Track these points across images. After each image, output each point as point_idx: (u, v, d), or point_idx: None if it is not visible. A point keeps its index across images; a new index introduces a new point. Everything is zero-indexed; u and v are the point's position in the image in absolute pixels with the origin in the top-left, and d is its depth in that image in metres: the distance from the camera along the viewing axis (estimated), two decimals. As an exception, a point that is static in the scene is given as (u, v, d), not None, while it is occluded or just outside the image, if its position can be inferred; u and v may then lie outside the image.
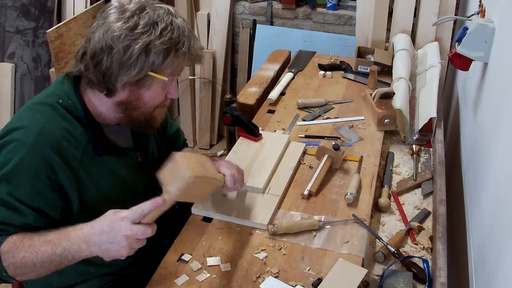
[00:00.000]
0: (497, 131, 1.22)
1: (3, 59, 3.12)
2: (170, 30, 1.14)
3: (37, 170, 1.11)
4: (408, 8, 2.37)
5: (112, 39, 1.11)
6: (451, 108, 2.27)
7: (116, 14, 1.14)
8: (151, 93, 1.19)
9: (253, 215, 1.36)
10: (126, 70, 1.12)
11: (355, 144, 1.70)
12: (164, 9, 1.17)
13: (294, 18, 3.02)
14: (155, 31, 1.12)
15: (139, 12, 1.14)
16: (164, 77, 1.16)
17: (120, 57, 1.11)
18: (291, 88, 2.09)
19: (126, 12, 1.14)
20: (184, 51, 1.16)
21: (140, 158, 1.33)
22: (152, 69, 1.14)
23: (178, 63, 1.17)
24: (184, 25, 1.17)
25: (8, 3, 3.06)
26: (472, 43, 1.43)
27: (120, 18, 1.13)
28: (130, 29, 1.11)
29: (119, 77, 1.13)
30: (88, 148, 1.19)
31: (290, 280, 1.19)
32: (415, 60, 2.20)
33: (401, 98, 1.79)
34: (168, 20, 1.14)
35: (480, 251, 1.22)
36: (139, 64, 1.11)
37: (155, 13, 1.14)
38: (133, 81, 1.14)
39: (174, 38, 1.14)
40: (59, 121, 1.16)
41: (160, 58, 1.13)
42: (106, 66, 1.12)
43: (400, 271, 1.24)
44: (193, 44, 1.18)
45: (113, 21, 1.12)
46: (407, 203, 1.50)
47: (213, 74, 3.14)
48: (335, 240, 1.30)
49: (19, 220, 1.12)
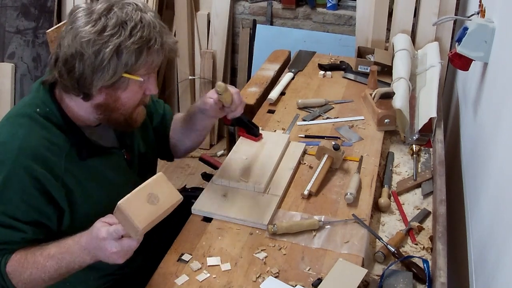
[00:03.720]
0: (497, 131, 1.22)
1: (3, 59, 3.12)
2: (140, 28, 1.11)
3: (24, 184, 1.10)
4: (408, 8, 2.37)
5: (81, 45, 1.08)
6: (451, 108, 2.27)
7: (84, 17, 1.11)
8: (128, 94, 1.17)
9: (253, 215, 1.36)
10: (100, 74, 1.10)
11: (355, 144, 1.70)
12: (133, 5, 1.13)
13: (294, 18, 3.02)
14: (124, 32, 1.09)
15: (106, 13, 1.10)
16: (139, 78, 1.14)
17: (91, 62, 1.09)
18: (291, 88, 2.09)
19: (93, 14, 1.10)
20: (157, 48, 1.13)
21: (126, 155, 1.32)
22: (126, 70, 1.11)
23: (152, 61, 1.15)
24: (155, 20, 1.14)
25: (8, 3, 3.06)
26: (472, 43, 1.43)
27: (88, 21, 1.10)
28: (98, 33, 1.08)
29: (94, 82, 1.11)
30: (71, 154, 1.18)
31: (290, 280, 1.19)
32: (415, 60, 2.20)
33: (401, 98, 1.79)
34: (137, 17, 1.11)
35: (480, 251, 1.22)
36: (112, 67, 1.09)
37: (123, 11, 1.11)
38: (108, 84, 1.12)
39: (145, 36, 1.11)
40: (38, 131, 1.14)
41: (132, 58, 1.10)
42: (79, 72, 1.10)
43: (400, 271, 1.24)
44: (165, 39, 1.16)
45: (81, 25, 1.09)
46: (407, 203, 1.50)
47: (213, 74, 3.14)
48: (335, 240, 1.30)
49: (18, 237, 1.13)
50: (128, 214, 1.03)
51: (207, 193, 1.45)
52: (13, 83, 3.14)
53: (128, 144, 1.34)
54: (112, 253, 1.05)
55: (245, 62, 3.17)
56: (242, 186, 1.45)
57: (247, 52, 3.14)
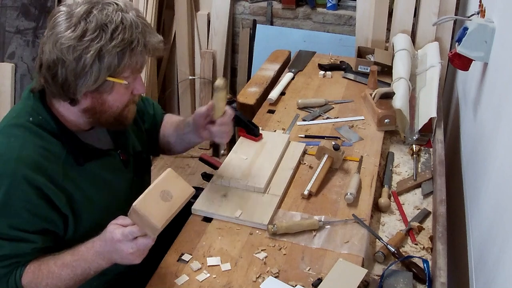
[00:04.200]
0: (497, 131, 1.22)
1: (3, 59, 3.12)
2: (121, 30, 1.08)
3: (26, 195, 1.10)
4: (408, 8, 2.37)
5: (61, 51, 1.06)
6: (451, 108, 2.27)
7: (64, 21, 1.08)
8: (115, 96, 1.15)
9: (253, 215, 1.36)
10: (83, 80, 1.08)
11: (355, 144, 1.70)
12: (113, 5, 1.10)
13: (294, 18, 3.02)
14: (105, 35, 1.06)
15: (86, 16, 1.07)
16: (123, 81, 1.13)
17: (73, 68, 1.07)
18: (291, 88, 2.09)
19: (73, 17, 1.07)
20: (140, 49, 1.11)
21: (122, 156, 1.32)
22: (109, 74, 1.09)
23: (136, 62, 1.12)
24: (137, 20, 1.11)
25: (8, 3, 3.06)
26: (472, 43, 1.43)
27: (68, 26, 1.07)
28: (78, 38, 1.06)
29: (78, 88, 1.09)
30: (68, 160, 1.17)
31: (290, 280, 1.19)
32: (415, 60, 2.20)
33: (401, 98, 1.79)
34: (117, 19, 1.08)
35: (480, 251, 1.22)
36: (94, 72, 1.07)
37: (103, 13, 1.08)
38: (93, 89, 1.10)
39: (127, 38, 1.08)
40: (34, 140, 1.13)
41: (115, 62, 1.08)
42: (62, 78, 1.08)
43: (400, 271, 1.24)
44: (149, 39, 1.13)
45: (61, 31, 1.07)
46: (407, 203, 1.50)
47: (213, 74, 3.14)
48: (335, 240, 1.30)
49: (28, 248, 1.13)
50: (145, 214, 1.04)
51: (207, 193, 1.45)
52: (13, 83, 3.14)
53: (123, 145, 1.33)
54: (129, 254, 1.07)
55: (245, 62, 3.17)
56: (242, 186, 1.45)
57: (247, 52, 3.14)
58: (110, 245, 1.08)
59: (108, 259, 1.11)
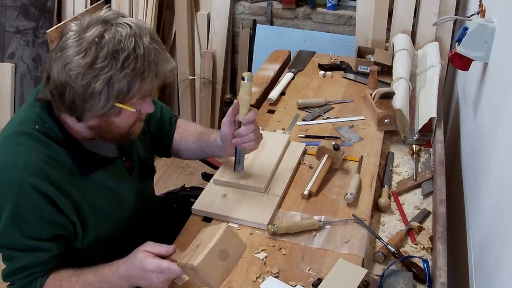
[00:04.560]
0: (497, 131, 1.22)
1: (3, 59, 3.12)
2: (133, 59, 1.04)
3: (36, 203, 1.09)
4: (408, 8, 2.37)
5: (70, 77, 1.04)
6: (451, 108, 2.27)
7: (74, 44, 1.04)
8: (122, 118, 1.14)
9: (253, 215, 1.36)
10: (90, 105, 1.06)
11: (355, 144, 1.70)
12: (127, 28, 1.06)
13: (294, 18, 3.02)
14: (116, 63, 1.03)
15: (98, 41, 1.03)
16: (131, 109, 1.11)
17: (81, 94, 1.05)
18: (291, 88, 2.09)
19: (83, 41, 1.03)
20: (151, 78, 1.08)
21: (126, 163, 1.30)
22: (118, 100, 1.07)
23: (146, 89, 1.10)
24: (150, 47, 1.07)
25: (8, 3, 3.06)
26: (472, 43, 1.43)
27: (78, 50, 1.03)
28: (88, 66, 1.02)
29: (85, 111, 1.08)
30: (74, 169, 1.16)
31: (290, 280, 1.19)
32: (415, 60, 2.20)
33: (401, 98, 1.79)
34: (130, 45, 1.04)
35: (480, 251, 1.22)
36: (102, 99, 1.05)
37: (115, 38, 1.04)
38: (100, 114, 1.09)
39: (138, 68, 1.05)
40: (39, 149, 1.11)
41: (125, 90, 1.06)
42: (69, 100, 1.07)
43: (400, 271, 1.24)
44: (161, 67, 1.10)
45: (71, 55, 1.03)
46: (407, 203, 1.51)
47: (213, 74, 3.14)
48: (335, 240, 1.30)
49: (45, 256, 1.14)
50: (205, 275, 1.08)
51: (207, 193, 1.45)
52: (13, 83, 3.14)
53: (128, 152, 1.31)
54: (158, 283, 1.10)
55: (245, 62, 3.17)
56: (242, 186, 1.45)
57: (247, 52, 3.14)
58: (139, 273, 1.10)
59: (133, 283, 1.13)
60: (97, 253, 1.21)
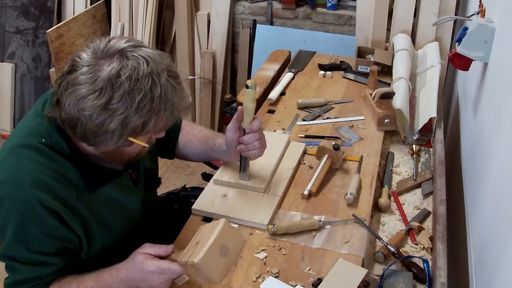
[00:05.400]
0: (497, 131, 1.22)
1: (3, 59, 3.12)
2: (150, 100, 1.01)
3: (41, 218, 1.08)
4: (408, 8, 2.37)
5: (84, 116, 1.01)
6: (451, 108, 2.27)
7: (88, 81, 1.00)
8: (133, 148, 1.14)
9: (253, 215, 1.36)
10: (102, 139, 1.05)
11: (355, 144, 1.70)
12: (144, 66, 1.02)
13: (294, 18, 3.02)
14: (132, 104, 1.00)
15: (114, 81, 0.99)
16: (144, 143, 1.10)
17: (94, 132, 1.03)
18: (291, 88, 2.09)
19: (98, 79, 0.99)
20: (166, 117, 1.06)
21: (132, 175, 1.29)
22: (131, 136, 1.06)
23: (161, 126, 1.08)
24: (167, 84, 1.04)
25: (8, 3, 3.06)
26: (472, 43, 1.43)
27: (92, 90, 0.99)
28: (103, 107, 0.99)
29: (96, 145, 1.07)
30: (80, 184, 1.14)
31: (290, 280, 1.19)
32: (415, 60, 2.20)
33: (401, 98, 1.79)
34: (147, 85, 1.01)
35: (480, 251, 1.22)
36: (116, 136, 1.04)
37: (132, 77, 1.00)
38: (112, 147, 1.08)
39: (154, 108, 1.02)
40: (46, 163, 1.09)
41: (139, 128, 1.04)
42: (81, 133, 1.05)
43: (400, 271, 1.24)
44: (177, 105, 1.07)
45: (84, 93, 0.99)
46: (407, 203, 1.51)
47: (213, 74, 3.14)
48: (335, 240, 1.30)
49: (49, 270, 1.14)
50: (207, 271, 1.09)
51: (207, 193, 1.45)
52: (13, 83, 3.15)
53: (134, 164, 1.29)
54: (159, 283, 1.10)
55: (245, 62, 3.17)
56: (242, 186, 1.45)
57: (247, 52, 3.14)
58: (140, 275, 1.10)
59: (133, 284, 1.13)
60: (100, 262, 1.20)
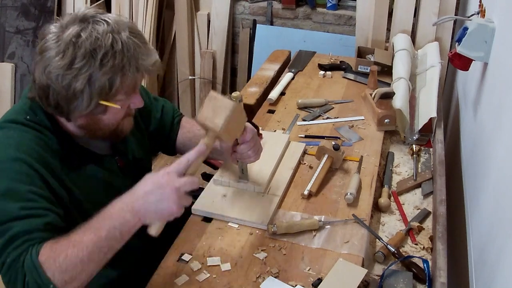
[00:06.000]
0: (497, 131, 1.22)
1: (3, 59, 3.12)
2: (112, 56, 1.05)
3: (30, 178, 1.08)
4: (408, 8, 2.37)
5: (51, 79, 1.05)
6: (451, 108, 2.27)
7: (53, 46, 1.05)
8: (110, 115, 1.14)
9: (253, 215, 1.36)
10: (75, 105, 1.07)
11: (355, 144, 1.70)
12: (104, 25, 1.06)
13: (294, 18, 3.02)
14: (94, 62, 1.04)
15: (75, 40, 1.04)
16: (116, 105, 1.11)
17: (64, 95, 1.06)
18: (291, 88, 2.09)
19: (61, 42, 1.04)
20: (131, 73, 1.08)
21: (119, 162, 1.29)
22: (101, 98, 1.08)
23: (129, 84, 1.10)
24: (128, 41, 1.07)
25: (8, 3, 3.06)
26: (472, 43, 1.43)
27: (57, 52, 1.04)
28: (67, 67, 1.03)
29: (70, 112, 1.09)
30: (65, 159, 1.16)
31: (290, 280, 1.19)
32: (415, 60, 2.20)
33: (401, 98, 1.79)
34: (108, 42, 1.05)
35: (480, 251, 1.22)
36: (85, 98, 1.06)
37: (92, 36, 1.04)
38: (86, 113, 1.09)
39: (117, 64, 1.05)
40: (33, 133, 1.13)
41: (106, 87, 1.06)
42: (54, 102, 1.08)
43: (400, 271, 1.24)
44: (141, 61, 1.09)
45: (51, 57, 1.05)
46: (407, 203, 1.51)
47: (213, 74, 3.14)
48: (335, 240, 1.30)
49: (40, 223, 1.05)
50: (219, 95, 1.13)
51: (207, 193, 1.45)
52: (13, 83, 3.14)
53: (122, 151, 1.31)
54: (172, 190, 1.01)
55: (245, 62, 3.17)
56: (242, 186, 1.45)
57: (247, 52, 3.14)
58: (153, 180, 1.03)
59: (136, 210, 1.02)
60: None
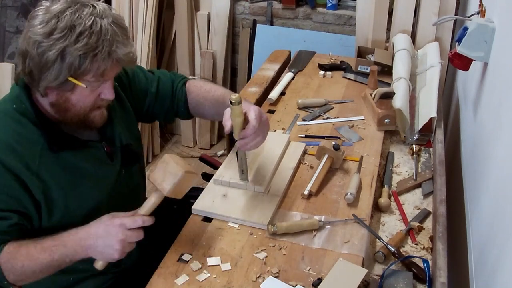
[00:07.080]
0: (497, 131, 1.22)
1: (3, 59, 3.12)
2: (88, 35, 1.09)
3: (1, 177, 1.12)
4: (408, 8, 2.36)
5: (29, 44, 1.09)
6: (451, 108, 2.27)
7: (40, 15, 1.10)
8: (77, 96, 1.16)
9: (253, 215, 1.36)
10: (45, 75, 1.10)
11: (355, 144, 1.70)
12: (90, 8, 1.12)
13: (294, 18, 3.02)
14: (71, 36, 1.08)
15: (60, 15, 1.09)
16: (82, 84, 1.13)
17: (37, 62, 1.09)
18: (291, 88, 2.09)
19: (48, 14, 1.10)
20: (103, 57, 1.10)
21: (106, 148, 1.31)
22: (70, 74, 1.10)
23: (98, 67, 1.12)
24: (108, 28, 1.11)
25: (8, 3, 3.06)
26: (472, 43, 1.43)
27: (41, 21, 1.09)
28: (46, 35, 1.08)
29: (40, 81, 1.12)
30: (45, 148, 1.19)
31: (290, 280, 1.19)
32: (415, 60, 2.20)
33: (401, 98, 1.79)
34: (88, 22, 1.09)
35: (480, 251, 1.22)
36: (55, 70, 1.09)
37: (75, 14, 1.09)
38: (55, 85, 1.12)
39: (91, 44, 1.09)
40: (11, 126, 1.17)
41: (76, 63, 1.09)
42: (28, 68, 1.12)
43: (400, 271, 1.24)
44: (115, 48, 1.12)
45: (35, 24, 1.09)
46: (407, 203, 1.51)
47: (213, 74, 3.14)
48: (335, 240, 1.30)
49: (4, 225, 1.14)
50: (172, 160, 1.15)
51: (207, 193, 1.45)
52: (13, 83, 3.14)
53: (108, 137, 1.32)
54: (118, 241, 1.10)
55: (245, 62, 3.17)
56: (242, 186, 1.45)
57: (247, 52, 3.14)
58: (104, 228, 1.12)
59: (86, 247, 1.13)
60: None
